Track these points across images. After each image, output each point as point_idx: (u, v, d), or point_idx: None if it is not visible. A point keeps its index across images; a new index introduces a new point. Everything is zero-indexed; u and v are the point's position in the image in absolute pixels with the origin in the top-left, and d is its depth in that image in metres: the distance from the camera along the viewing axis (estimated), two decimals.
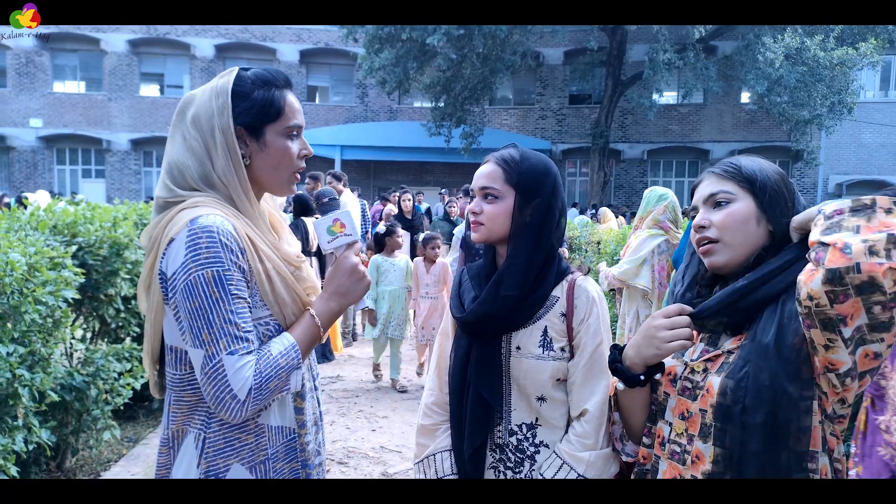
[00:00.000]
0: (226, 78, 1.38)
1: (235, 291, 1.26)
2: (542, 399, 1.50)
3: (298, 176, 1.46)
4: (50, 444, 3.12)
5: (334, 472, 3.90)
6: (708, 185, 1.31)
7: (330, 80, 23.49)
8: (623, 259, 4.16)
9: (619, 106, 20.09)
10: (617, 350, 1.36)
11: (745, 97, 20.71)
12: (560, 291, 1.53)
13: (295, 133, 1.41)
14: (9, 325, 2.57)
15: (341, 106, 23.14)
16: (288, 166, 1.41)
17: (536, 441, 1.50)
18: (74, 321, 3.53)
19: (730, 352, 1.22)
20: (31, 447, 2.93)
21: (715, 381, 1.19)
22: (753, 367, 1.14)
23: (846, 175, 21.09)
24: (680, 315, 1.27)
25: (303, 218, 6.15)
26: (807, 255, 1.07)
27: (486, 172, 1.54)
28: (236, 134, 1.35)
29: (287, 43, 22.33)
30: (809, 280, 1.02)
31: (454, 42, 16.14)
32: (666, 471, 1.27)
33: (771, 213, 1.25)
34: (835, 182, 20.98)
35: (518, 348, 1.50)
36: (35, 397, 2.87)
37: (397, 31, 16.27)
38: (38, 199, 6.41)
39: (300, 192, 7.03)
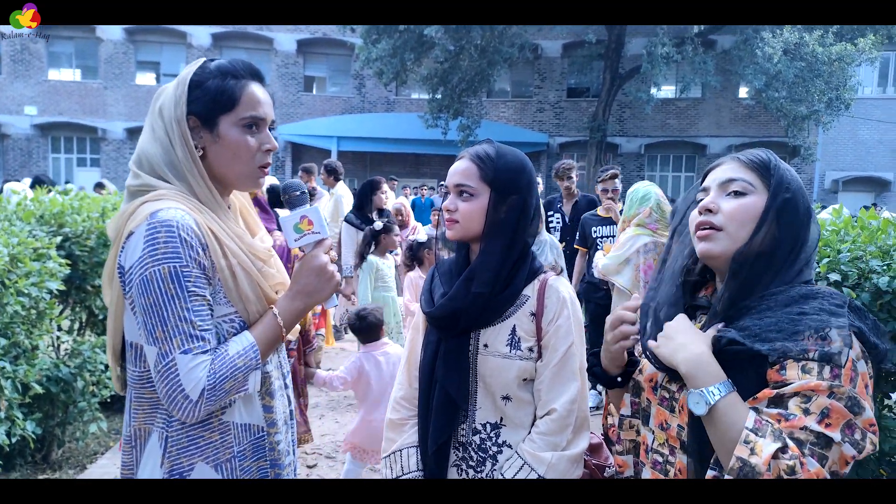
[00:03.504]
0: (190, 69, 1.37)
1: (193, 288, 1.24)
2: (507, 398, 1.48)
3: (266, 171, 1.42)
4: (34, 436, 3.10)
5: (322, 466, 3.90)
6: (728, 169, 1.22)
7: (327, 70, 23.35)
8: (607, 253, 4.15)
9: (617, 99, 20.01)
10: (593, 355, 1.35)
11: (743, 92, 20.65)
12: (531, 290, 1.50)
13: (253, 125, 1.37)
14: None
15: (338, 97, 23.02)
16: (246, 160, 1.37)
17: (499, 441, 1.49)
18: (61, 312, 3.51)
19: None
20: (14, 440, 2.91)
21: (688, 398, 1.13)
22: None
23: (843, 171, 21.07)
24: (624, 317, 1.26)
25: (276, 210, 6.09)
26: None
27: (461, 169, 1.52)
28: (190, 124, 1.33)
29: (284, 32, 22.17)
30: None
31: (452, 34, 16.04)
32: (649, 479, 1.25)
33: (784, 217, 1.14)
34: (831, 178, 20.97)
35: (486, 346, 1.49)
36: (19, 389, 2.85)
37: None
38: (23, 187, 6.36)
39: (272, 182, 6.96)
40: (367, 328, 3.41)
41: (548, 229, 5.28)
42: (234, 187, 1.45)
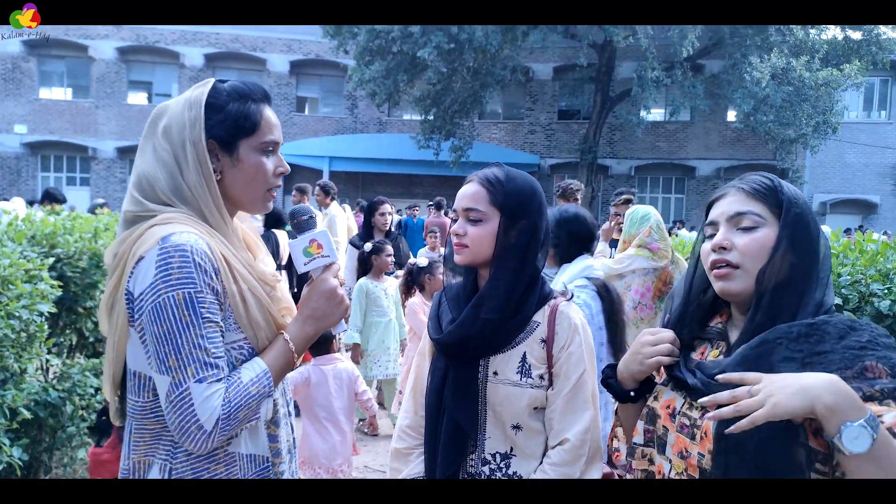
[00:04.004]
0: (201, 89, 1.33)
1: (207, 315, 1.20)
2: (517, 427, 1.44)
3: (274, 194, 1.40)
4: (20, 462, 3.02)
5: None
6: (734, 202, 1.19)
7: (320, 91, 23.46)
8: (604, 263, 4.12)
9: (608, 122, 20.21)
10: (610, 367, 1.31)
11: (731, 115, 20.91)
12: (541, 317, 1.47)
13: (270, 149, 1.35)
14: None
15: (330, 117, 23.10)
16: (262, 183, 1.35)
17: (510, 472, 1.44)
18: (50, 335, 3.44)
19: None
20: (0, 466, 2.84)
21: (712, 424, 1.10)
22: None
23: (830, 194, 21.31)
24: (669, 333, 1.22)
25: (274, 230, 6.04)
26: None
27: (470, 193, 1.49)
28: (208, 147, 1.29)
29: (277, 53, 22.29)
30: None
31: (444, 55, 16.19)
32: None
33: (795, 244, 1.13)
34: (819, 200, 21.20)
35: (495, 373, 1.45)
36: (6, 414, 2.78)
37: (388, 44, 16.30)
38: (14, 206, 6.27)
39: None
40: (318, 341, 3.39)
41: None
42: (245, 210, 1.42)
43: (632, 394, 1.27)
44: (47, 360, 3.49)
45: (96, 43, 21.72)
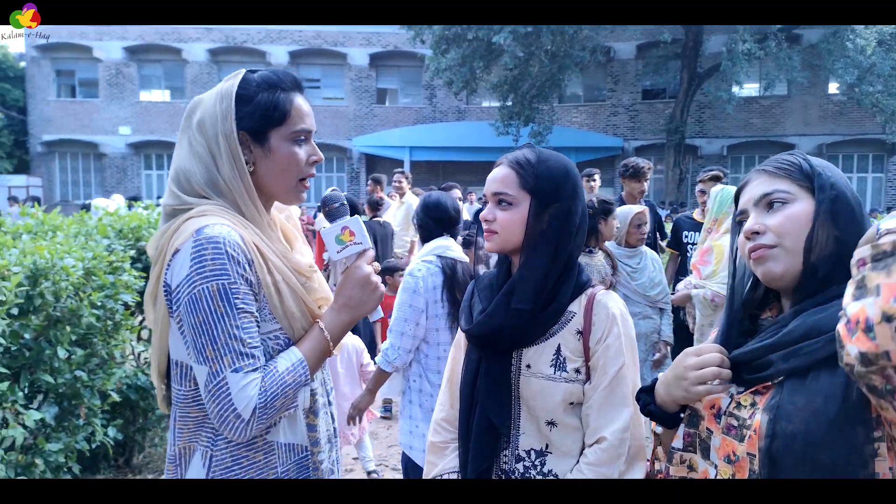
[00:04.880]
0: (231, 81, 1.33)
1: (241, 305, 1.21)
2: (552, 424, 1.37)
3: (307, 184, 1.40)
4: (115, 441, 3.23)
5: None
6: (759, 184, 1.11)
7: (399, 82, 23.73)
8: (718, 270, 3.86)
9: (696, 100, 19.30)
10: (645, 392, 1.19)
11: (833, 87, 19.49)
12: (577, 307, 1.39)
13: (303, 138, 1.34)
14: (67, 328, 2.66)
15: (410, 107, 23.32)
16: (295, 173, 1.34)
17: (545, 470, 1.37)
18: (141, 323, 3.65)
19: (781, 382, 1.01)
20: (93, 445, 3.04)
21: (763, 420, 1.00)
22: (807, 404, 0.95)
23: None
24: (715, 354, 1.08)
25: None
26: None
27: (500, 177, 1.42)
28: (240, 139, 1.29)
29: (357, 47, 22.70)
30: (846, 341, 0.83)
31: (521, 40, 15.94)
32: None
33: (836, 216, 1.02)
34: None
35: (528, 366, 1.38)
36: (97, 397, 2.98)
37: (463, 31, 16.24)
38: (112, 203, 6.69)
39: (346, 193, 7.06)
40: None
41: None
42: (279, 200, 1.42)
43: (681, 415, 1.14)
44: (133, 347, 3.71)
45: (189, 46, 22.90)
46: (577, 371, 1.36)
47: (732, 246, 1.17)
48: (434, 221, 2.77)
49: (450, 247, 2.72)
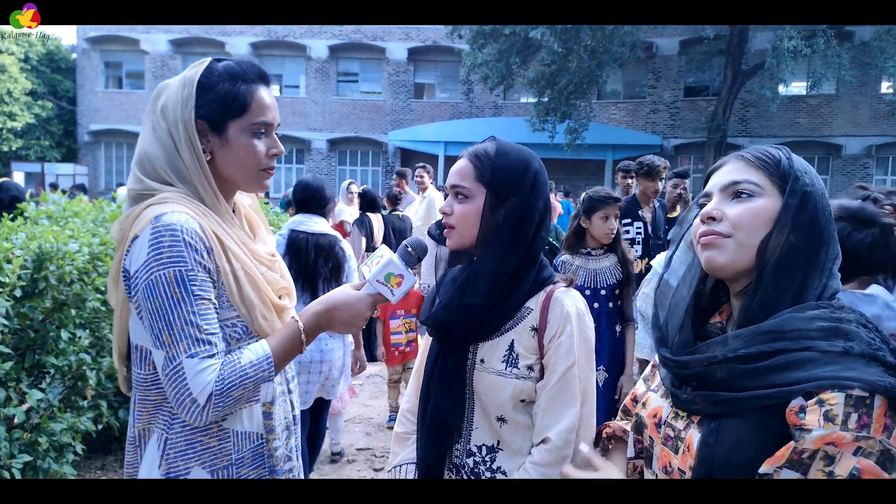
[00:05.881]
0: (196, 68, 1.34)
1: (199, 292, 1.22)
2: (502, 420, 1.34)
3: (270, 173, 1.39)
4: (119, 424, 3.31)
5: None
6: (731, 170, 1.04)
7: (436, 77, 23.70)
8: None
9: (740, 98, 18.76)
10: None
11: (884, 87, 18.74)
12: (535, 303, 1.35)
13: (263, 130, 1.35)
14: (72, 311, 2.72)
15: (447, 102, 23.28)
16: (253, 164, 1.35)
17: (494, 466, 1.35)
18: None
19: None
20: (99, 426, 3.12)
21: (695, 437, 0.96)
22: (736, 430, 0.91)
23: None
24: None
25: (368, 214, 6.15)
26: None
27: (458, 169, 1.40)
28: (198, 128, 1.30)
29: (396, 42, 22.77)
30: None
31: (558, 35, 15.74)
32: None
33: (797, 224, 0.96)
34: None
35: (482, 361, 1.36)
36: (102, 380, 3.04)
37: (500, 26, 16.11)
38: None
39: (366, 186, 7.09)
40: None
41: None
42: (241, 189, 1.43)
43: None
44: None
45: (232, 39, 23.31)
46: (530, 368, 1.33)
47: (691, 227, 1.10)
48: (297, 202, 3.30)
49: (304, 222, 3.22)
